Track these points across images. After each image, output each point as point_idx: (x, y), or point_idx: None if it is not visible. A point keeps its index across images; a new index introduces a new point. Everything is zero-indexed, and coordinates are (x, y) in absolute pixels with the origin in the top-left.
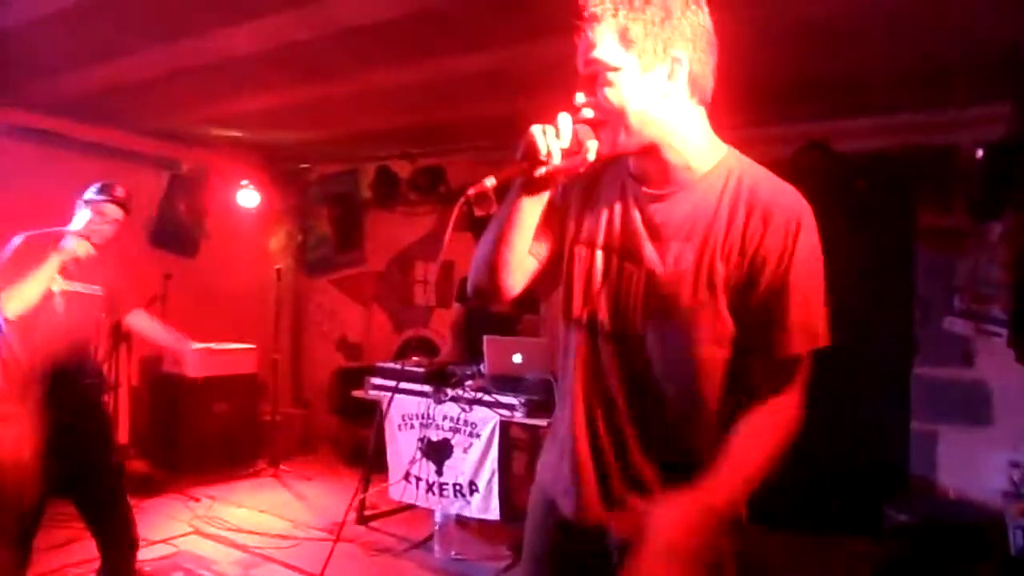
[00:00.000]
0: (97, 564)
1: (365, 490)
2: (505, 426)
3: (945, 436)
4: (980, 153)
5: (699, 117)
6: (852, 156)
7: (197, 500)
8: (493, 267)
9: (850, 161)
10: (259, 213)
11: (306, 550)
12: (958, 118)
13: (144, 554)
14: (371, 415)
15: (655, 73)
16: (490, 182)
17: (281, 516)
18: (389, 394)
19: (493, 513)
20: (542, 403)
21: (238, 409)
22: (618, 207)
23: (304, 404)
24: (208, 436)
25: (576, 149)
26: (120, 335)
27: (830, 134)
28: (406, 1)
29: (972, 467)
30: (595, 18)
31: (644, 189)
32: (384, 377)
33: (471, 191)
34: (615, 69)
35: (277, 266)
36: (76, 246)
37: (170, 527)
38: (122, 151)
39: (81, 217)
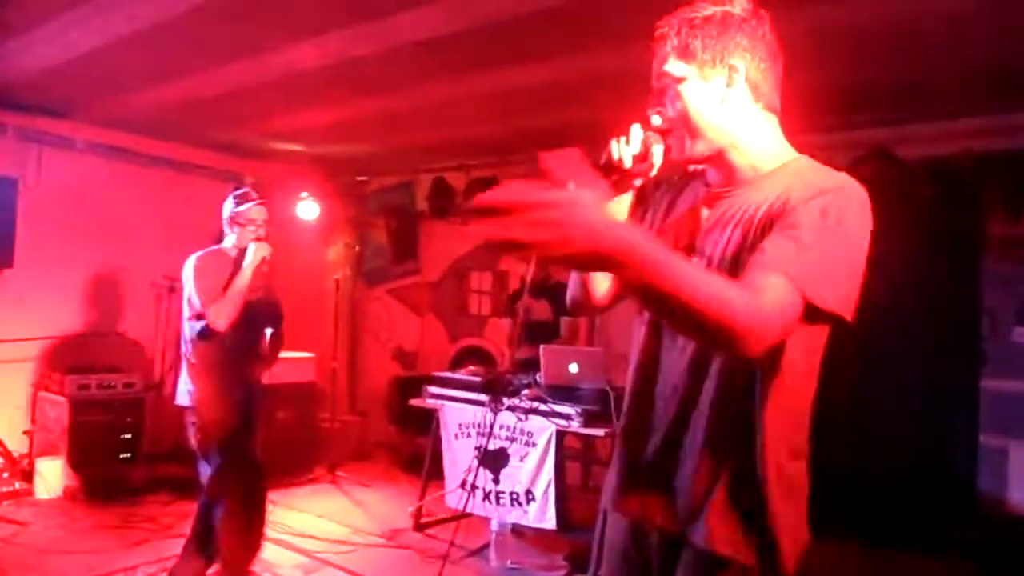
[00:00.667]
0: (168, 563)
1: (422, 497)
2: (561, 436)
3: (1016, 452)
4: None
5: (766, 123)
6: (916, 163)
7: None
8: (582, 279)
9: (914, 168)
10: (318, 224)
11: (365, 555)
12: None
13: None
14: (427, 423)
15: (714, 81)
16: (572, 186)
17: (340, 522)
18: (446, 403)
19: (550, 522)
20: (598, 413)
21: (298, 416)
22: (689, 210)
23: (361, 412)
24: (269, 442)
25: (644, 156)
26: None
27: (892, 141)
28: (462, 17)
29: None
30: (663, 37)
31: (712, 189)
32: (441, 386)
33: None
34: (680, 80)
35: (335, 276)
36: (260, 252)
37: None
38: (188, 164)
39: (234, 232)
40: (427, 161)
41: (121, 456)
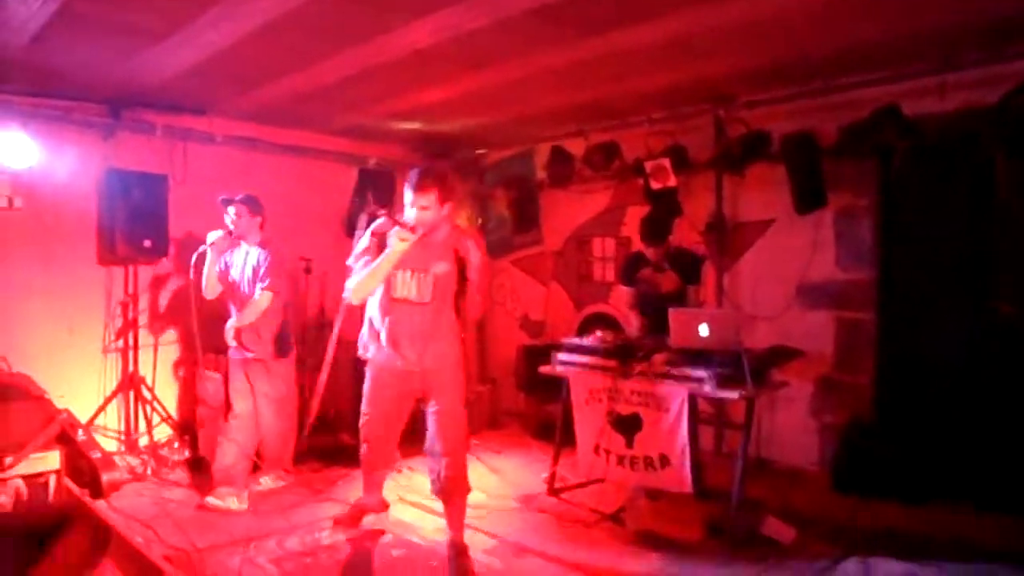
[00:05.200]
0: (321, 525)
1: (555, 463)
2: (693, 399)
3: None
4: None
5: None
6: None
7: (399, 471)
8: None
9: None
10: None
11: (501, 519)
12: None
13: None
14: (556, 390)
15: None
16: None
17: (476, 487)
18: (576, 369)
19: (685, 487)
20: (731, 376)
21: None
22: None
23: (491, 381)
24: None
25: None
26: None
27: None
28: None
29: None
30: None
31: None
32: (570, 352)
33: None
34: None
35: None
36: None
37: None
38: (315, 150)
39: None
40: (545, 129)
41: None
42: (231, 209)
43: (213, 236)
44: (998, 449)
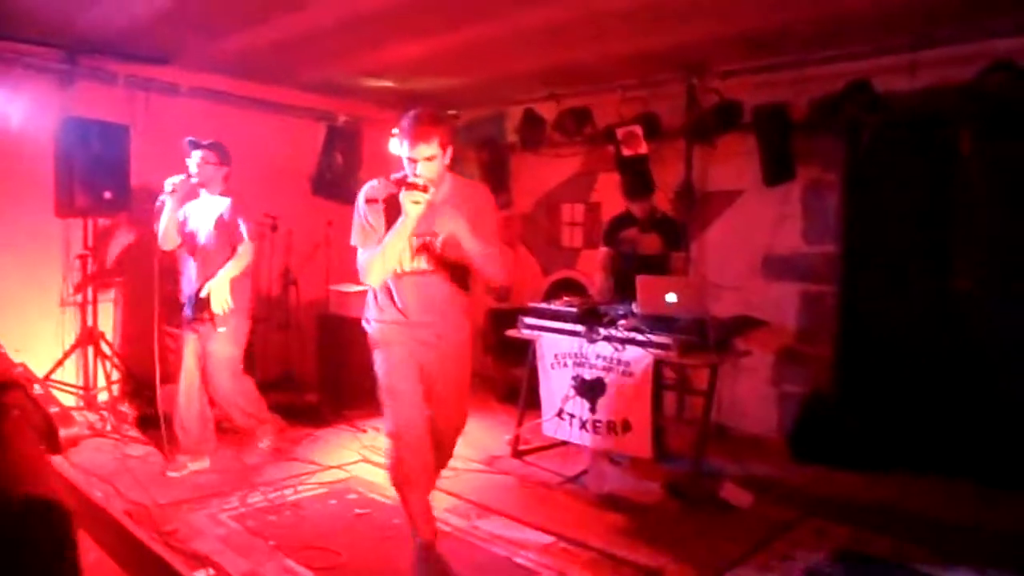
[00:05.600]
0: (284, 483)
1: (519, 426)
2: (658, 365)
3: None
4: None
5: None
6: None
7: (364, 431)
8: None
9: None
10: None
11: (465, 480)
12: None
13: (321, 477)
14: (523, 354)
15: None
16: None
17: None
18: (542, 333)
19: (645, 451)
20: (695, 343)
21: None
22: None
23: None
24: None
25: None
26: None
27: (1018, 51)
28: None
29: None
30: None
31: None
32: (537, 317)
33: None
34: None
35: None
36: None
37: (341, 455)
38: (283, 105)
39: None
40: (517, 92)
41: None
42: (197, 154)
43: (173, 181)
44: (953, 421)
